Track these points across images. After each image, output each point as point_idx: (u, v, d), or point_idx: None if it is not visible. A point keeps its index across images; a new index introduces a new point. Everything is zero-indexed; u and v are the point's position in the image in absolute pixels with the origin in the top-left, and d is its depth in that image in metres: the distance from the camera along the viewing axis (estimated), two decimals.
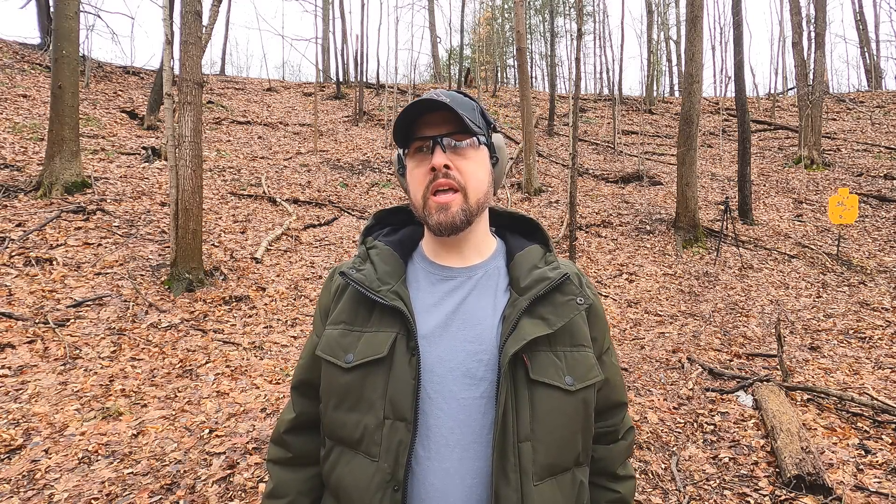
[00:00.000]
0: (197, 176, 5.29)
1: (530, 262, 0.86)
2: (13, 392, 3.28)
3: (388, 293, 0.79)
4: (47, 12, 12.01)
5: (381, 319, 0.79)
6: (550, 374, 0.77)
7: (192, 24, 5.30)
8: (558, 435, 0.77)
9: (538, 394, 0.76)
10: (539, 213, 9.64)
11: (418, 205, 0.83)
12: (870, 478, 2.72)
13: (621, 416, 0.95)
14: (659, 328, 5.49)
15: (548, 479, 0.76)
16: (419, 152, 0.82)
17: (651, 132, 16.52)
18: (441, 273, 0.86)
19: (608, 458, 0.92)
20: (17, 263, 4.92)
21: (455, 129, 0.81)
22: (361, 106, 15.25)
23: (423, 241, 0.92)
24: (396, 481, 0.73)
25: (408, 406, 0.74)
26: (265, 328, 4.79)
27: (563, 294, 0.83)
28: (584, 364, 0.81)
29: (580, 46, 7.04)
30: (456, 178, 0.80)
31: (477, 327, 0.80)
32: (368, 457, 0.75)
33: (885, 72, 29.51)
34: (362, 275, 0.82)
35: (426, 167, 0.80)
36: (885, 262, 7.47)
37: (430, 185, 0.80)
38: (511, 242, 0.92)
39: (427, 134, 0.81)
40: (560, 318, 0.80)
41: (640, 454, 3.03)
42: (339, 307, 0.85)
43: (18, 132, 8.40)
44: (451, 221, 0.80)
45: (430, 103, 0.79)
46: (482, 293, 0.84)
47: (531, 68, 28.55)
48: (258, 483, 2.60)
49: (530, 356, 0.76)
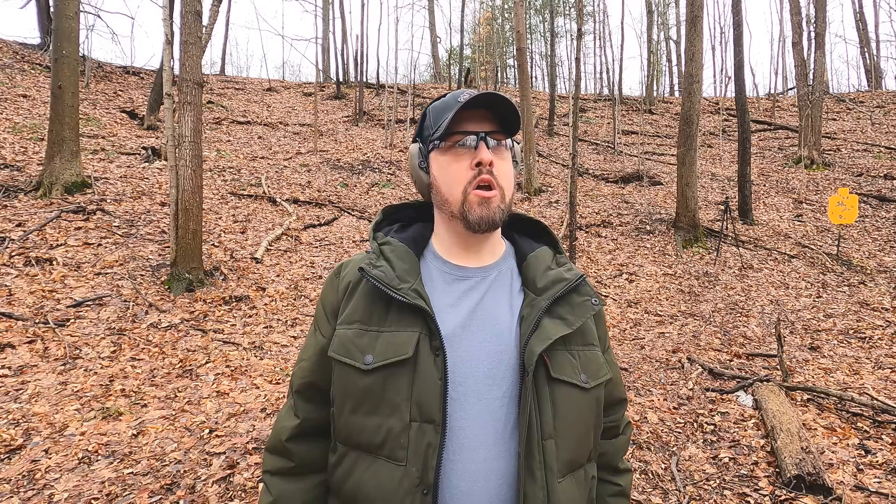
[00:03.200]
0: (197, 176, 5.29)
1: (544, 263, 0.87)
2: (13, 392, 3.28)
3: (409, 291, 0.77)
4: (47, 12, 12.00)
5: (401, 318, 0.77)
6: (568, 372, 0.78)
7: (192, 24, 5.30)
8: (577, 432, 0.79)
9: (559, 392, 0.77)
10: (539, 213, 9.63)
11: (455, 200, 0.81)
12: (870, 478, 2.72)
13: (622, 412, 0.98)
14: (659, 328, 5.48)
15: (568, 476, 0.77)
16: (459, 146, 0.81)
17: (651, 132, 16.52)
18: (456, 272, 0.85)
19: (611, 453, 0.94)
20: (17, 263, 4.92)
21: (495, 129, 0.82)
22: (361, 106, 15.25)
23: (435, 240, 0.90)
24: (426, 485, 0.71)
25: (436, 408, 0.73)
26: (265, 328, 4.79)
27: (580, 295, 0.84)
28: (596, 362, 0.83)
29: (580, 46, 7.04)
30: (496, 175, 0.80)
31: (496, 327, 0.80)
32: (393, 461, 0.73)
33: (885, 72, 29.52)
34: (381, 272, 0.79)
35: (467, 162, 0.80)
36: (885, 262, 7.47)
37: (474, 180, 0.79)
38: (519, 243, 0.93)
39: (471, 129, 0.80)
40: (578, 318, 0.81)
41: (640, 454, 3.03)
42: (351, 305, 0.82)
43: (18, 132, 8.40)
44: (492, 216, 0.80)
45: (489, 97, 0.79)
46: (498, 293, 0.84)
47: (531, 68, 28.53)
48: (258, 483, 2.60)
49: (549, 355, 0.77)
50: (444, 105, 0.84)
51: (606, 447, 0.93)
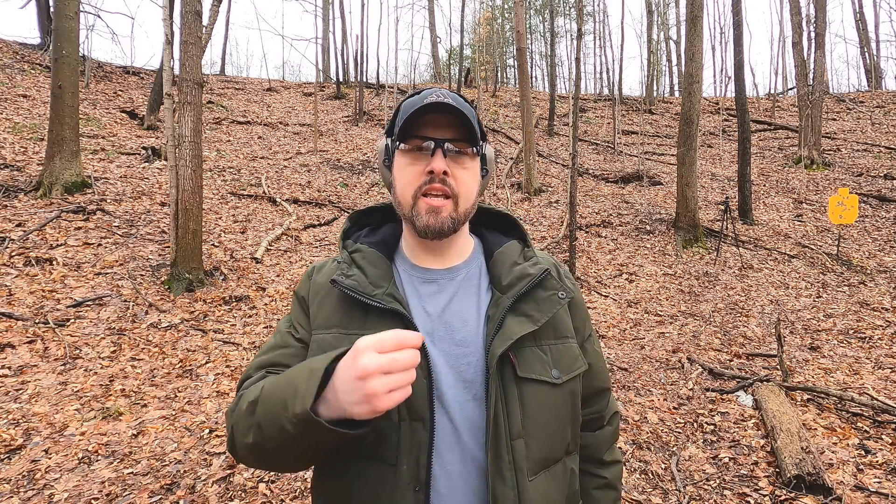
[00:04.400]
0: (197, 176, 5.29)
1: (510, 258, 0.86)
2: (13, 392, 3.28)
3: (384, 296, 0.78)
4: (47, 12, 12.00)
5: (380, 322, 0.77)
6: (537, 369, 0.78)
7: (192, 24, 5.30)
8: (550, 429, 0.78)
9: (526, 390, 0.76)
10: (539, 213, 9.64)
11: (406, 203, 0.80)
12: (870, 478, 2.72)
13: (606, 402, 0.96)
14: (659, 328, 5.48)
15: (541, 473, 0.77)
16: (416, 150, 0.80)
17: (651, 132, 16.52)
18: (423, 275, 0.85)
19: (594, 445, 0.94)
20: (17, 263, 4.92)
21: (457, 136, 0.80)
22: (361, 106, 15.25)
23: (403, 243, 0.89)
24: (418, 482, 0.72)
25: (424, 405, 0.73)
26: (265, 328, 4.79)
27: (545, 289, 0.83)
28: (569, 356, 0.82)
29: (580, 46, 7.04)
30: (451, 185, 0.78)
31: (463, 330, 0.79)
32: (382, 461, 0.73)
33: (885, 72, 29.53)
34: (353, 281, 0.79)
35: (422, 167, 0.79)
36: (885, 262, 7.47)
37: (424, 186, 0.78)
38: (488, 239, 0.92)
39: (430, 135, 0.79)
40: (544, 313, 0.80)
41: (640, 454, 3.03)
42: (325, 311, 0.82)
43: (18, 132, 8.40)
44: (439, 226, 0.78)
45: (444, 106, 0.77)
46: (465, 294, 0.83)
47: (531, 68, 28.54)
48: (258, 483, 2.60)
49: (516, 353, 0.77)
50: (412, 104, 0.81)
51: (588, 439, 0.93)
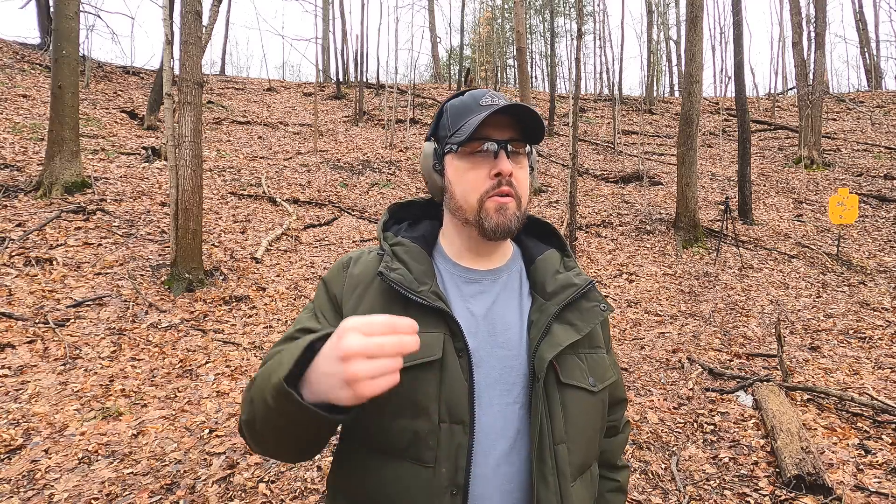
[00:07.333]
0: (197, 176, 5.29)
1: (552, 266, 0.87)
2: (13, 392, 3.28)
3: (429, 294, 0.76)
4: (47, 12, 12.00)
5: (423, 320, 0.73)
6: (577, 376, 0.79)
7: (192, 24, 5.30)
8: (587, 435, 0.80)
9: (568, 397, 0.77)
10: (539, 213, 9.63)
11: (471, 208, 0.79)
12: (870, 478, 2.72)
13: (622, 412, 1.00)
14: (659, 328, 5.48)
15: (579, 478, 0.78)
16: (477, 153, 0.79)
17: (651, 132, 16.51)
18: (466, 275, 0.84)
19: (610, 451, 0.96)
20: (17, 263, 4.91)
21: (516, 136, 0.80)
22: (361, 106, 15.25)
23: (443, 240, 0.89)
24: (456, 486, 0.71)
25: (464, 408, 0.73)
26: (265, 328, 4.79)
27: (589, 300, 0.84)
28: (602, 365, 0.84)
29: (580, 46, 7.04)
30: (515, 185, 0.79)
31: (506, 332, 0.79)
32: (419, 463, 0.72)
33: (885, 72, 29.49)
34: (398, 275, 0.77)
35: (486, 171, 0.78)
36: (885, 262, 7.47)
37: (493, 190, 0.78)
38: (527, 245, 0.92)
39: (494, 137, 0.78)
40: (587, 324, 0.82)
41: (640, 454, 3.03)
42: (368, 302, 0.79)
43: (18, 132, 8.40)
44: (508, 224, 0.78)
45: (523, 109, 0.77)
46: (508, 297, 0.84)
47: (531, 68, 28.55)
48: (258, 483, 2.60)
49: (559, 360, 0.78)
50: (464, 106, 0.81)
51: (605, 445, 0.95)
